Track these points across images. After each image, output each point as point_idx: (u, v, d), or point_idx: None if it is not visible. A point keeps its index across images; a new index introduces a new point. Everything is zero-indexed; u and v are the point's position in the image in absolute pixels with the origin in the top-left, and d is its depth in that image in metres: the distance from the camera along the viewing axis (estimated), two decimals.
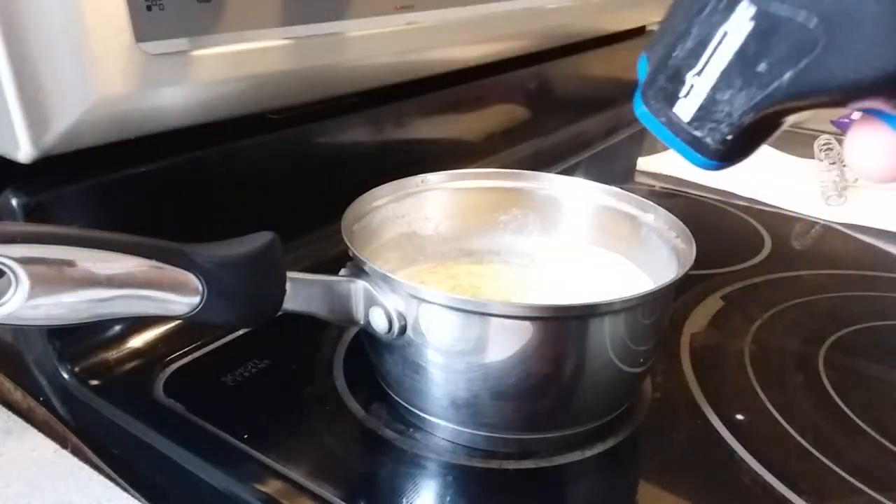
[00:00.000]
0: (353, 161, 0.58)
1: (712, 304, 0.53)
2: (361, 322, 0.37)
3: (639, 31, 1.00)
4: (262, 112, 0.50)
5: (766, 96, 0.18)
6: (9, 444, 0.39)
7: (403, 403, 0.39)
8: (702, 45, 0.19)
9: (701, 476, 0.37)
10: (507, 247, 0.49)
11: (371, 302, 0.36)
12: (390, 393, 0.40)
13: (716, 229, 0.67)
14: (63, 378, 0.41)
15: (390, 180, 0.45)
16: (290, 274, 0.35)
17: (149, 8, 0.38)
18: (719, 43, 0.18)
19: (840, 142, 0.76)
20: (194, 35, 0.41)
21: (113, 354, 0.43)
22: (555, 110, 0.87)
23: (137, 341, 0.44)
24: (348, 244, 0.37)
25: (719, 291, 0.54)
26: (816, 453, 0.38)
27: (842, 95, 0.18)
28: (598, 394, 0.37)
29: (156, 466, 0.37)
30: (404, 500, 0.34)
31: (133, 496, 0.36)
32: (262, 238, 0.34)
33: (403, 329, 0.35)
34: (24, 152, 0.36)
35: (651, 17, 0.99)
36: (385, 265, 0.44)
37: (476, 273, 0.47)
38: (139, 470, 0.38)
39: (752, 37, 0.18)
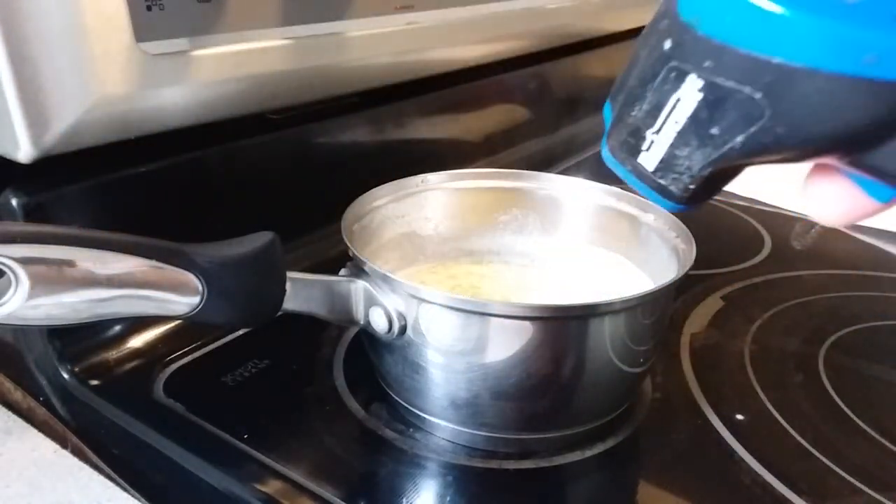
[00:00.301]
0: (353, 161, 0.58)
1: (712, 304, 0.53)
2: (361, 322, 0.37)
3: (638, 32, 1.00)
4: (262, 112, 0.50)
5: (721, 155, 0.19)
6: (9, 444, 0.39)
7: (403, 403, 0.39)
8: (658, 108, 0.20)
9: (701, 476, 0.37)
10: (507, 247, 0.49)
11: (371, 302, 0.36)
12: (390, 393, 0.40)
13: (716, 229, 0.68)
14: (63, 378, 0.41)
15: (390, 180, 0.45)
16: (290, 274, 0.35)
17: (149, 8, 0.38)
18: (673, 108, 0.19)
19: None
20: (194, 35, 0.41)
21: (113, 354, 0.43)
22: (555, 110, 0.87)
23: (137, 341, 0.44)
24: (348, 244, 0.37)
25: (719, 291, 0.54)
26: (816, 453, 0.38)
27: (794, 156, 0.19)
28: (598, 394, 0.37)
29: (156, 466, 0.37)
30: (404, 500, 0.34)
31: (133, 496, 0.36)
32: (262, 238, 0.34)
33: (403, 329, 0.35)
34: (24, 152, 0.36)
35: (650, 18, 0.99)
36: (385, 265, 0.44)
37: (476, 273, 0.47)
38: (139, 470, 0.38)
39: (703, 105, 0.19)
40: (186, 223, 0.46)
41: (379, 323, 0.36)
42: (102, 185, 0.42)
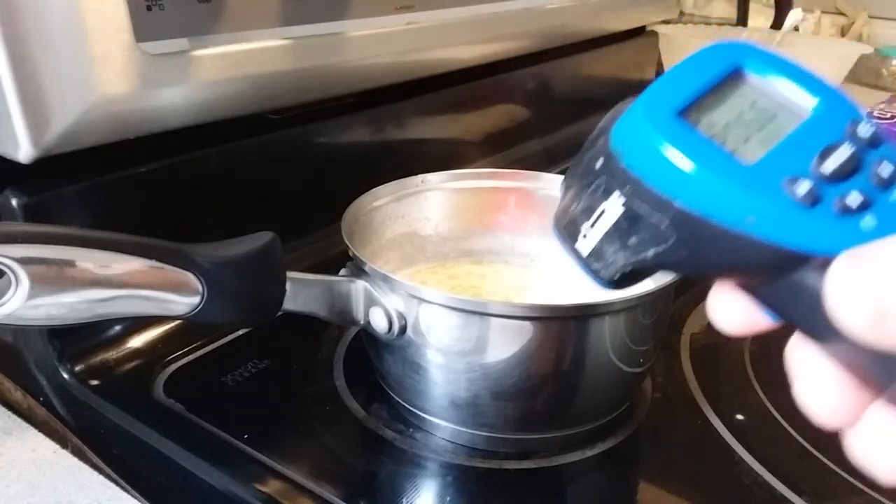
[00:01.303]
0: (353, 161, 0.58)
1: None
2: (361, 322, 0.37)
3: (639, 31, 1.00)
4: (262, 112, 0.50)
5: (637, 261, 0.22)
6: (9, 444, 0.39)
7: (403, 403, 0.39)
8: (590, 210, 0.22)
9: (701, 476, 0.37)
10: (507, 247, 0.49)
11: (371, 302, 0.36)
12: (390, 393, 0.40)
13: None
14: (63, 378, 0.41)
15: (390, 180, 0.45)
16: (290, 274, 0.35)
17: (149, 8, 0.38)
18: (601, 214, 0.22)
19: None
20: (194, 35, 0.41)
21: (113, 354, 0.43)
22: (555, 110, 0.87)
23: (137, 341, 0.44)
24: (348, 244, 0.37)
25: None
26: (816, 453, 0.38)
27: (695, 277, 0.22)
28: (598, 394, 0.37)
29: (156, 467, 0.37)
30: (404, 500, 0.34)
31: (133, 496, 0.36)
32: (262, 238, 0.34)
33: (403, 329, 0.35)
34: (24, 152, 0.36)
35: (650, 18, 0.99)
36: (385, 265, 0.44)
37: (477, 273, 0.47)
38: (139, 470, 0.38)
39: (623, 218, 0.21)
40: (186, 223, 0.46)
41: (379, 323, 0.36)
42: (102, 185, 0.42)
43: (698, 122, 0.20)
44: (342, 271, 0.38)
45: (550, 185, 0.48)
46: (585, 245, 0.23)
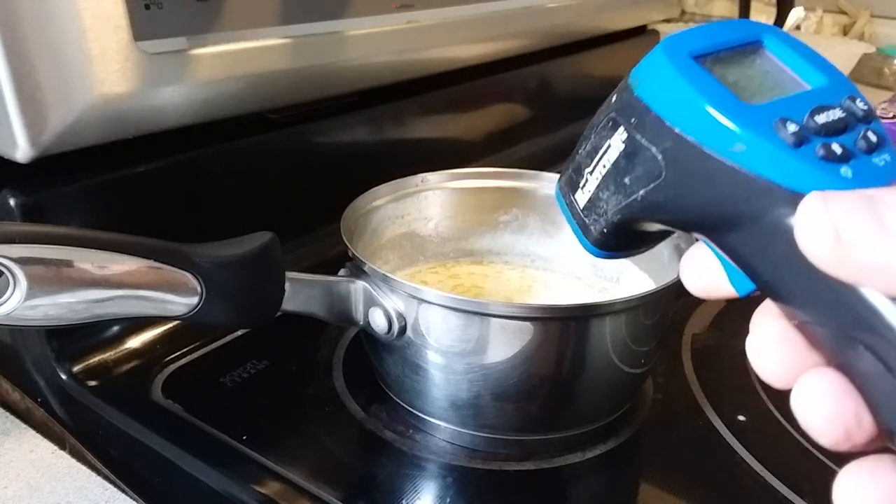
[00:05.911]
0: (353, 161, 0.58)
1: (714, 305, 0.52)
2: (361, 322, 0.37)
3: (639, 31, 0.99)
4: (261, 111, 0.50)
5: (627, 205, 0.23)
6: (7, 445, 0.39)
7: (403, 405, 0.39)
8: (595, 150, 0.23)
9: (702, 477, 0.37)
10: (507, 247, 0.49)
11: (371, 302, 0.36)
12: (390, 394, 0.39)
13: None
14: (61, 379, 0.41)
15: (390, 180, 0.45)
16: (289, 274, 0.35)
17: (147, 7, 0.38)
18: (605, 153, 0.23)
19: None
20: (193, 34, 0.41)
21: (111, 355, 0.43)
22: (555, 110, 0.87)
23: (136, 342, 0.44)
24: (348, 244, 0.37)
25: None
26: (818, 454, 0.38)
27: (676, 223, 0.23)
28: (599, 395, 0.37)
29: (154, 468, 0.37)
30: (404, 501, 0.34)
31: (131, 497, 0.36)
32: (261, 238, 0.34)
33: (403, 329, 0.35)
34: (21, 152, 0.36)
35: (651, 17, 0.99)
36: (385, 265, 0.44)
37: (478, 273, 0.47)
38: (137, 471, 0.37)
39: (623, 155, 0.22)
40: (185, 223, 0.46)
41: (379, 323, 0.36)
42: (101, 184, 0.42)
43: (711, 68, 0.21)
44: (341, 271, 0.38)
45: (550, 184, 0.48)
46: (584, 194, 0.24)
